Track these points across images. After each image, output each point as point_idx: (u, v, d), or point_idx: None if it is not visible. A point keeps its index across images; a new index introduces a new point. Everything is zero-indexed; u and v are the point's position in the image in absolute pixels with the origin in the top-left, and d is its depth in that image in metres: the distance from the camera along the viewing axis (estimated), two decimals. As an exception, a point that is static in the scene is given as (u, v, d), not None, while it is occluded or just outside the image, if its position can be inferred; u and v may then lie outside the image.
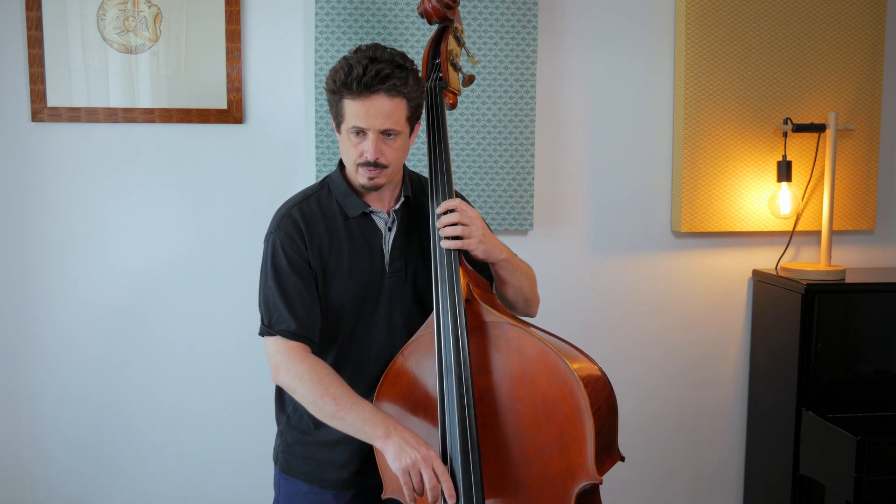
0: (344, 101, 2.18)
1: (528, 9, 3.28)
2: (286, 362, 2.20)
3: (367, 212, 2.32)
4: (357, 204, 2.30)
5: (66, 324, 3.19)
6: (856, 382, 3.40)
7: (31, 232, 3.14)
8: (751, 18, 3.49)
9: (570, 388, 2.09)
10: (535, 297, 2.46)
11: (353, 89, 2.14)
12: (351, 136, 2.20)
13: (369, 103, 2.15)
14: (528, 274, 2.40)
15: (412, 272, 2.36)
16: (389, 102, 2.16)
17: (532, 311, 2.47)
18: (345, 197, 2.31)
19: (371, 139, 2.18)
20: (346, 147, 2.23)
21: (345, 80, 2.14)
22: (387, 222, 2.34)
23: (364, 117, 2.16)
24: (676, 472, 3.75)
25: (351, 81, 2.14)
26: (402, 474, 2.05)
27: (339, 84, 2.16)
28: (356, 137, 2.20)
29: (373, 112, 2.15)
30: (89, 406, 3.23)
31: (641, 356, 3.65)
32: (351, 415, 2.12)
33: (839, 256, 3.74)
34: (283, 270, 2.24)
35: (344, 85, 2.15)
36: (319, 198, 2.33)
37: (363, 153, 2.19)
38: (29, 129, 3.09)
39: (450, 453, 2.13)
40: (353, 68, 2.14)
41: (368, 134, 2.18)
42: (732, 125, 3.53)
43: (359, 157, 2.20)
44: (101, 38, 3.07)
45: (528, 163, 3.34)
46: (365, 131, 2.18)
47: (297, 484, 2.42)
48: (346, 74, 2.14)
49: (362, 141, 2.19)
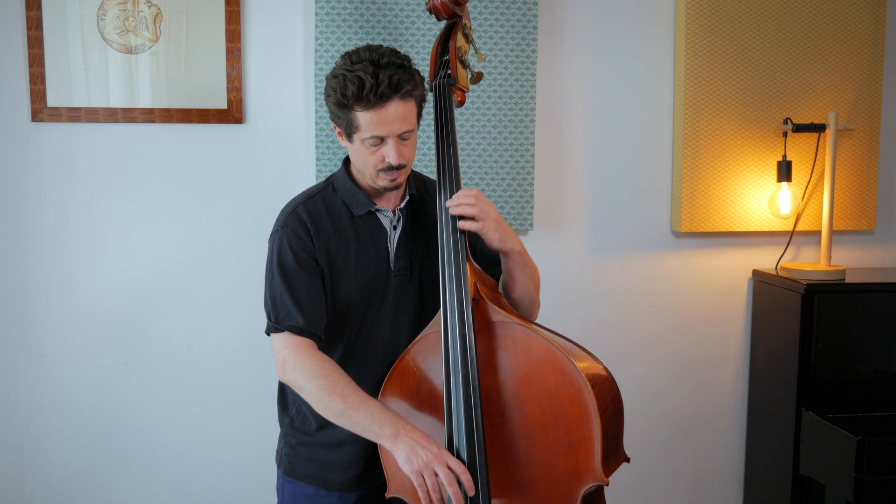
0: (356, 114, 2.16)
1: (528, 9, 3.27)
2: (294, 358, 2.18)
3: (373, 210, 2.32)
4: (363, 202, 2.31)
5: (67, 324, 3.18)
6: (856, 382, 3.40)
7: (31, 232, 3.13)
8: (751, 18, 3.49)
9: (578, 388, 2.08)
10: (538, 300, 2.46)
11: (370, 101, 2.13)
12: (367, 145, 2.20)
13: (385, 112, 2.15)
14: (534, 274, 2.40)
15: (417, 270, 2.36)
16: (403, 107, 2.17)
17: (533, 315, 2.46)
18: (351, 196, 2.31)
19: (392, 145, 2.18)
20: (363, 155, 2.22)
21: (359, 93, 2.12)
22: (392, 221, 2.34)
23: (383, 125, 2.16)
24: (676, 472, 3.75)
25: (367, 94, 2.12)
26: (415, 476, 2.03)
27: (352, 99, 2.14)
28: (373, 147, 2.20)
29: (391, 119, 2.16)
30: (90, 406, 3.22)
31: (641, 356, 3.65)
32: (359, 413, 2.10)
33: (839, 256, 3.74)
34: (289, 267, 2.23)
35: (358, 99, 2.13)
36: (325, 196, 2.33)
37: (385, 159, 2.19)
38: (29, 129, 3.08)
39: (456, 453, 2.12)
40: (363, 81, 2.12)
41: (388, 140, 2.18)
42: (732, 125, 3.53)
43: (380, 164, 2.21)
44: (101, 38, 3.06)
45: (528, 163, 3.34)
46: (384, 139, 2.18)
47: (302, 487, 2.41)
48: (359, 88, 2.12)
49: (380, 147, 2.20)
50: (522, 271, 2.33)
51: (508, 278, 2.36)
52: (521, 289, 2.36)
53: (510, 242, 2.27)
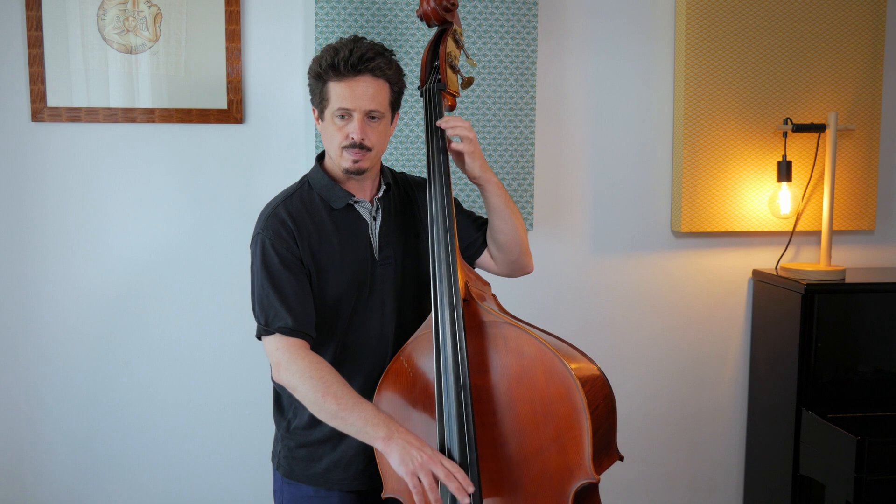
0: (329, 85, 2.22)
1: (528, 9, 3.28)
2: (287, 359, 2.18)
3: (351, 203, 2.33)
4: (341, 195, 2.33)
5: (67, 323, 3.19)
6: (856, 382, 3.40)
7: (31, 232, 3.14)
8: (751, 18, 3.49)
9: (568, 387, 2.09)
10: (528, 245, 2.49)
11: (340, 70, 2.20)
12: (336, 120, 2.24)
13: (355, 84, 2.21)
14: (517, 213, 2.44)
15: (400, 259, 2.38)
16: (374, 84, 2.22)
17: (528, 263, 2.50)
18: (328, 190, 2.33)
19: (356, 120, 2.22)
20: (331, 132, 2.26)
21: (332, 62, 2.20)
22: (371, 211, 2.36)
23: (350, 98, 2.21)
24: (676, 472, 3.75)
25: (338, 62, 2.19)
26: (410, 477, 2.02)
27: (325, 67, 2.21)
28: (341, 121, 2.24)
29: (359, 93, 2.21)
30: (90, 405, 3.24)
31: (641, 356, 3.65)
32: (352, 415, 2.10)
33: (839, 256, 3.74)
34: (275, 269, 2.24)
35: (331, 66, 2.20)
36: (302, 195, 2.35)
37: (349, 135, 2.23)
38: (29, 129, 3.10)
39: (447, 452, 2.13)
40: (338, 51, 2.20)
41: (354, 115, 2.22)
42: (732, 125, 3.53)
43: (344, 140, 2.24)
44: (101, 38, 3.08)
45: (528, 163, 3.35)
46: (351, 113, 2.22)
47: (302, 488, 2.41)
48: (332, 57, 2.20)
49: (347, 123, 2.24)
50: (506, 205, 2.38)
51: (493, 214, 2.39)
52: (507, 224, 2.40)
53: (487, 172, 2.34)
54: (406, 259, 2.39)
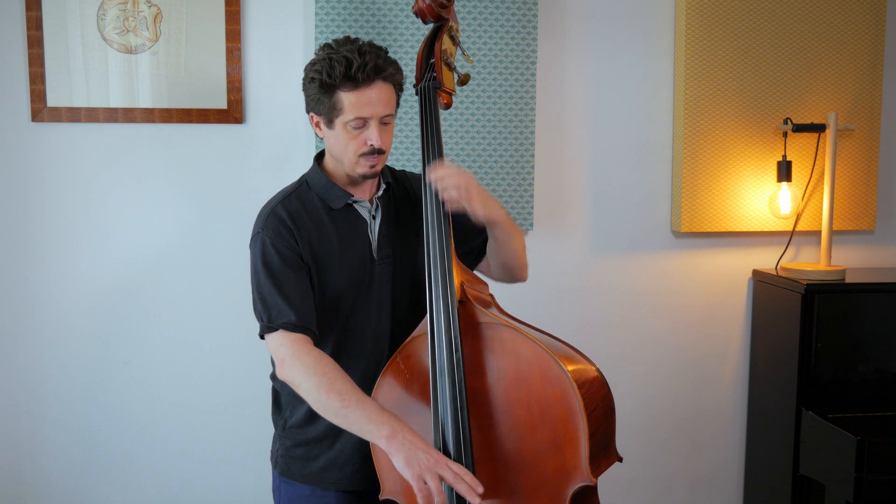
0: (339, 94, 2.20)
1: (528, 9, 3.28)
2: (291, 355, 2.17)
3: (350, 202, 2.33)
4: (340, 195, 2.33)
5: (67, 323, 3.20)
6: (856, 382, 3.40)
7: (31, 232, 3.15)
8: (751, 18, 3.49)
9: (564, 389, 2.08)
10: (525, 259, 2.49)
11: (357, 80, 2.17)
12: (349, 129, 2.22)
13: (370, 93, 2.19)
14: (520, 237, 2.43)
15: (399, 258, 2.38)
16: (386, 89, 2.23)
17: (524, 275, 2.49)
18: (326, 190, 2.33)
19: (374, 127, 2.21)
20: (343, 140, 2.24)
21: (346, 72, 2.17)
22: (370, 211, 2.36)
23: (367, 106, 2.19)
24: (676, 472, 3.75)
25: (354, 73, 2.16)
26: (416, 480, 2.00)
27: (339, 78, 2.18)
28: (355, 130, 2.22)
29: (374, 100, 2.20)
30: (90, 405, 3.24)
31: (641, 356, 3.65)
32: (356, 412, 2.09)
33: (839, 256, 3.74)
34: (275, 267, 2.24)
35: (347, 77, 2.17)
36: (300, 194, 2.35)
37: (367, 142, 2.22)
38: (29, 129, 3.10)
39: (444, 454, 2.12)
40: (351, 60, 2.17)
41: (370, 123, 2.21)
42: (732, 125, 3.52)
43: (362, 147, 2.23)
44: (101, 38, 3.08)
45: (528, 163, 3.35)
46: (367, 121, 2.21)
47: (299, 487, 2.41)
48: (346, 67, 2.17)
49: (363, 131, 2.22)
50: (511, 239, 2.36)
51: (497, 246, 2.38)
52: (509, 253, 2.39)
53: (495, 211, 2.29)
54: (405, 258, 2.39)
